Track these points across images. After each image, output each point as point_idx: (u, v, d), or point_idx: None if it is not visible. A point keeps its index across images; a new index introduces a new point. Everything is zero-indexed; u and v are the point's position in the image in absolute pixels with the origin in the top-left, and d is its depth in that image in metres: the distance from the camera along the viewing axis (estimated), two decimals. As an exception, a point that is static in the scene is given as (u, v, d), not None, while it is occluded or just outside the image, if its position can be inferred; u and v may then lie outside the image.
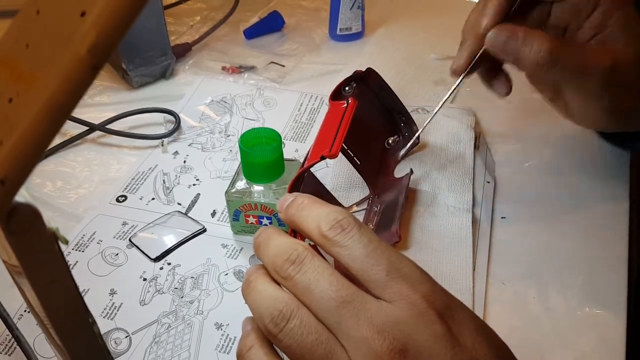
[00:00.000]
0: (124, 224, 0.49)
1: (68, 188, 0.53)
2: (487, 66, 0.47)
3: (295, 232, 0.34)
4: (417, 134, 0.52)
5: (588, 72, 0.42)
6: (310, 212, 0.32)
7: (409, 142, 0.52)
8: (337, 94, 0.46)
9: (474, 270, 0.43)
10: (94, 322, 0.24)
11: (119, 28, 0.18)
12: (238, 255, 0.46)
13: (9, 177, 0.18)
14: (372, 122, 0.51)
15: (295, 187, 0.40)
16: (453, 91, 0.48)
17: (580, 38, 0.44)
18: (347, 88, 0.47)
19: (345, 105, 0.43)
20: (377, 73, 0.49)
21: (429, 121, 0.50)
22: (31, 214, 0.19)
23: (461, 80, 0.47)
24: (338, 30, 0.73)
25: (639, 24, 0.44)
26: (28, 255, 0.20)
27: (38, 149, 0.18)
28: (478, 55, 0.45)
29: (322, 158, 0.39)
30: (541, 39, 0.41)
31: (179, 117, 0.60)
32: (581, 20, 0.44)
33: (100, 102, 0.64)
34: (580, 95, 0.45)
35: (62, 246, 0.21)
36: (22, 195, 0.19)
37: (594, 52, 0.43)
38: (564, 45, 0.42)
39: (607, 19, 0.43)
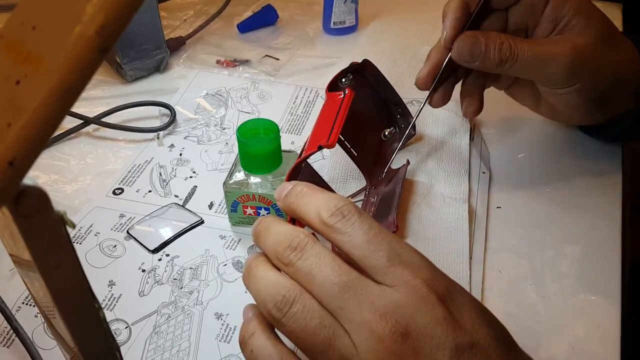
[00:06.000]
0: (122, 216, 0.49)
1: (63, 181, 0.53)
2: (452, 82, 0.48)
3: (295, 221, 0.34)
4: (408, 128, 0.51)
5: (551, 62, 0.43)
6: (309, 200, 0.32)
7: (404, 133, 0.52)
8: (333, 85, 0.46)
9: (470, 259, 0.44)
10: (100, 308, 0.24)
11: (126, 9, 0.18)
12: (236, 246, 0.46)
13: (18, 159, 0.18)
14: (368, 114, 0.51)
15: (292, 177, 0.40)
16: (423, 106, 0.49)
17: (541, 34, 0.46)
18: (343, 79, 0.47)
19: (342, 96, 0.44)
20: (373, 65, 0.49)
21: (415, 118, 0.50)
22: (40, 197, 0.19)
23: (430, 95, 0.47)
24: (332, 23, 0.73)
25: (592, 7, 0.45)
26: (36, 238, 0.20)
27: (47, 130, 0.18)
28: (443, 65, 0.46)
29: (320, 148, 0.39)
30: (501, 37, 0.43)
31: (174, 110, 0.60)
32: (537, 17, 0.45)
33: (94, 95, 0.64)
34: (553, 90, 0.46)
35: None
36: (30, 179, 0.19)
37: (552, 41, 0.44)
38: (524, 40, 0.44)
39: (560, 9, 0.44)
